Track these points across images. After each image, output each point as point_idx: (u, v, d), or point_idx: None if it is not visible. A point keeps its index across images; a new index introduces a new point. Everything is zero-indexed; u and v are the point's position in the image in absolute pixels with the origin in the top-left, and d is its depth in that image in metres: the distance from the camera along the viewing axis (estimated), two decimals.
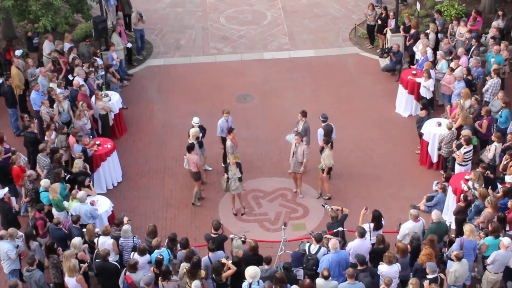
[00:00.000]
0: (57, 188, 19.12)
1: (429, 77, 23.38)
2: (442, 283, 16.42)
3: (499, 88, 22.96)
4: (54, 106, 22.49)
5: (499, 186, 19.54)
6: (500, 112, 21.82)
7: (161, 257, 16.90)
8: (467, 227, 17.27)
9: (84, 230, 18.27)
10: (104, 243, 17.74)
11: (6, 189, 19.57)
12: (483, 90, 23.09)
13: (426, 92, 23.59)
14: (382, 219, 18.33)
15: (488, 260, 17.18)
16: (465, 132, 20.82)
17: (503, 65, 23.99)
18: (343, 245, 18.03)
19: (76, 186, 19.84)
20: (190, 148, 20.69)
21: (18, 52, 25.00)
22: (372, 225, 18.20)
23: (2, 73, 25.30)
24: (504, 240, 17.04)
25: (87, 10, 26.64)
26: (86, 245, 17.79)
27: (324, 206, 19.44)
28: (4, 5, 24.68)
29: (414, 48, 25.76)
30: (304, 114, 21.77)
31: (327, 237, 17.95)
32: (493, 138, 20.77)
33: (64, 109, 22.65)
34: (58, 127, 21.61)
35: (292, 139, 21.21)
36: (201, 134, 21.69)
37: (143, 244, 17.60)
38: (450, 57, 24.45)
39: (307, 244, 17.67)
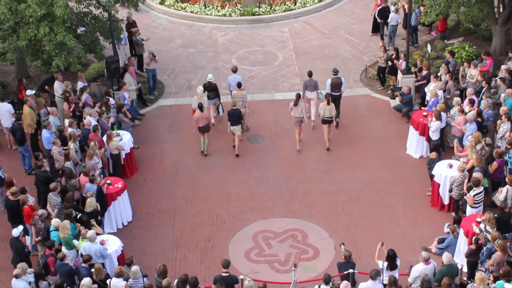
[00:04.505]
0: (67, 225, 19.12)
1: (437, 118, 23.32)
2: None
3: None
4: (71, 146, 22.52)
5: None
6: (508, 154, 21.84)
7: None
8: (477, 276, 17.14)
9: (92, 270, 18.23)
10: (116, 284, 17.68)
11: (21, 227, 19.58)
12: (498, 137, 22.99)
13: (431, 133, 23.55)
14: (397, 259, 18.27)
15: None
16: (475, 174, 20.77)
17: None
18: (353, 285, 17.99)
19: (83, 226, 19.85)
20: (201, 107, 24.45)
21: (29, 92, 25.17)
22: (386, 263, 18.14)
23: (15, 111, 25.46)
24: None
25: (100, 50, 26.89)
26: (96, 285, 17.72)
27: (341, 246, 19.37)
28: (18, 45, 24.97)
29: (426, 89, 25.78)
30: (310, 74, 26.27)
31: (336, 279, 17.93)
32: (506, 180, 20.71)
33: (78, 147, 22.83)
34: (65, 171, 21.57)
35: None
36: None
37: (149, 283, 17.55)
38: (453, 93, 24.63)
39: (316, 286, 17.60)
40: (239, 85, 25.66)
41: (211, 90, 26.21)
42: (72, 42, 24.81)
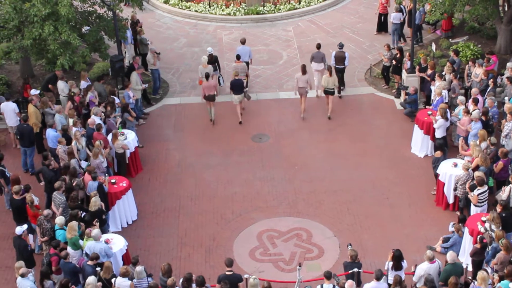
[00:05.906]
0: (75, 227, 19.15)
1: (443, 117, 23.26)
2: None
3: None
4: (73, 144, 22.57)
5: None
6: None
7: None
8: (479, 275, 17.13)
9: (98, 268, 18.26)
10: (121, 284, 17.70)
11: (25, 226, 19.61)
12: (502, 135, 22.94)
13: (437, 132, 23.51)
14: (404, 261, 18.24)
15: None
16: (478, 173, 20.73)
17: None
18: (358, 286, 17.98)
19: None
20: (208, 76, 26.20)
21: (33, 91, 25.17)
22: (391, 263, 18.12)
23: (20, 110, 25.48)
24: None
25: (105, 49, 26.88)
26: (100, 283, 17.75)
27: (348, 247, 19.38)
28: (23, 44, 24.99)
29: (432, 87, 25.69)
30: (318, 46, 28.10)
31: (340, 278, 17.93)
32: (510, 179, 20.67)
33: (82, 146, 22.80)
34: (69, 170, 21.57)
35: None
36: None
37: (155, 282, 17.55)
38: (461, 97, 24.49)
39: (319, 286, 17.60)
40: (238, 57, 27.52)
41: (212, 62, 27.77)
42: (76, 41, 24.81)
